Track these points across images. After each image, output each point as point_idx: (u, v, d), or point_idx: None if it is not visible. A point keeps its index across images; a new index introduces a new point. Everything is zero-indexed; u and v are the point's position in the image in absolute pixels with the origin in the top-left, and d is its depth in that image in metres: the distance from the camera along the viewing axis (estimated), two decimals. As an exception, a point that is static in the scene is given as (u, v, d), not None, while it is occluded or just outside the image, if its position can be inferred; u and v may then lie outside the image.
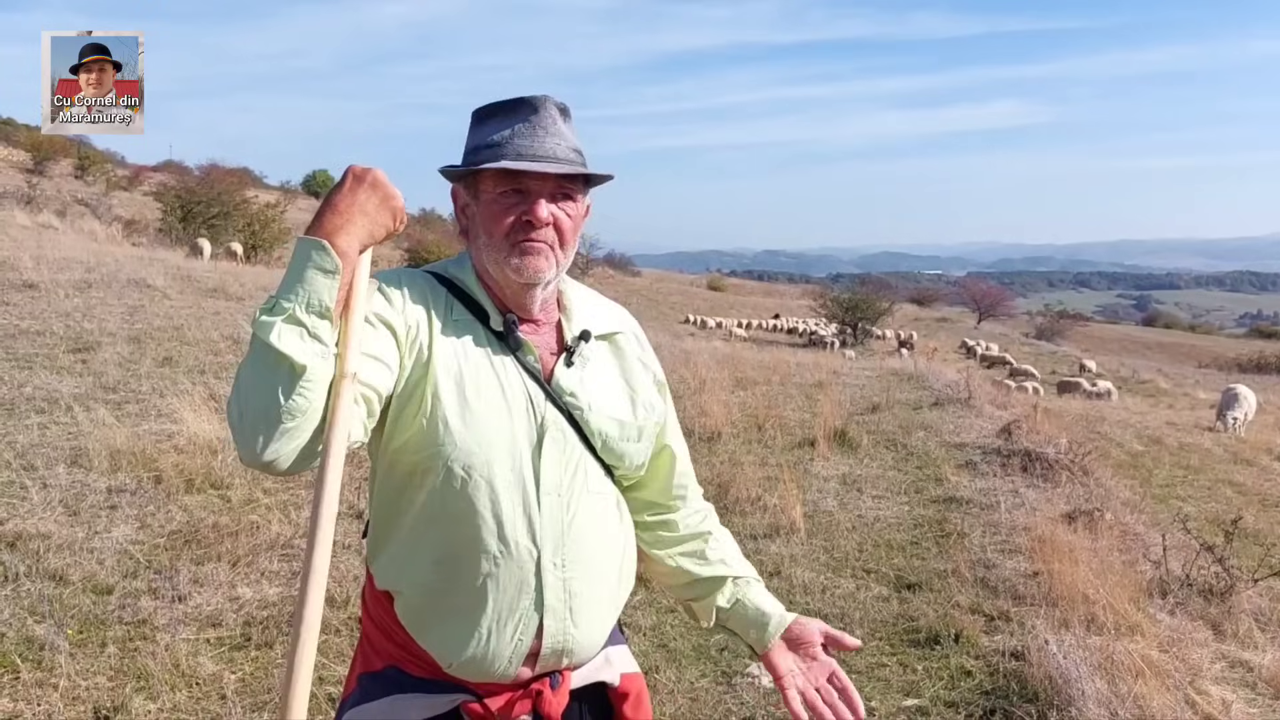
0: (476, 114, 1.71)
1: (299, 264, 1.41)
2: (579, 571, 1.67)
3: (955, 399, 11.04)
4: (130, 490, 5.32)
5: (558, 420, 1.67)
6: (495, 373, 1.66)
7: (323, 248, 1.40)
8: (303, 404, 1.38)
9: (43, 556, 4.39)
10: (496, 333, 1.69)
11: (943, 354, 29.36)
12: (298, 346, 1.36)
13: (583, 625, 1.69)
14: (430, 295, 1.68)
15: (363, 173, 1.49)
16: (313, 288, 1.39)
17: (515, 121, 1.64)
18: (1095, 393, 23.12)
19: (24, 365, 7.88)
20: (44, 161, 38.74)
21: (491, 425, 1.61)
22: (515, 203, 1.63)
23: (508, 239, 1.64)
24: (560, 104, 1.68)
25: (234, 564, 4.58)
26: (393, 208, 1.50)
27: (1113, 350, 51.03)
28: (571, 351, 1.73)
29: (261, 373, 1.38)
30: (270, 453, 1.39)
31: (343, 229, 1.43)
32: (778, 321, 44.68)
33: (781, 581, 5.07)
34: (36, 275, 11.29)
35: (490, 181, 1.65)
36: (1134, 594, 4.92)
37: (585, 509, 1.69)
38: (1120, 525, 6.60)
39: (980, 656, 4.24)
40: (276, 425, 1.37)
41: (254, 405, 1.38)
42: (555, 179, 1.64)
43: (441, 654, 1.65)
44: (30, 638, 3.73)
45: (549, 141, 1.63)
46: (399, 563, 1.67)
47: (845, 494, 7.00)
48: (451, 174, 1.73)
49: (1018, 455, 8.10)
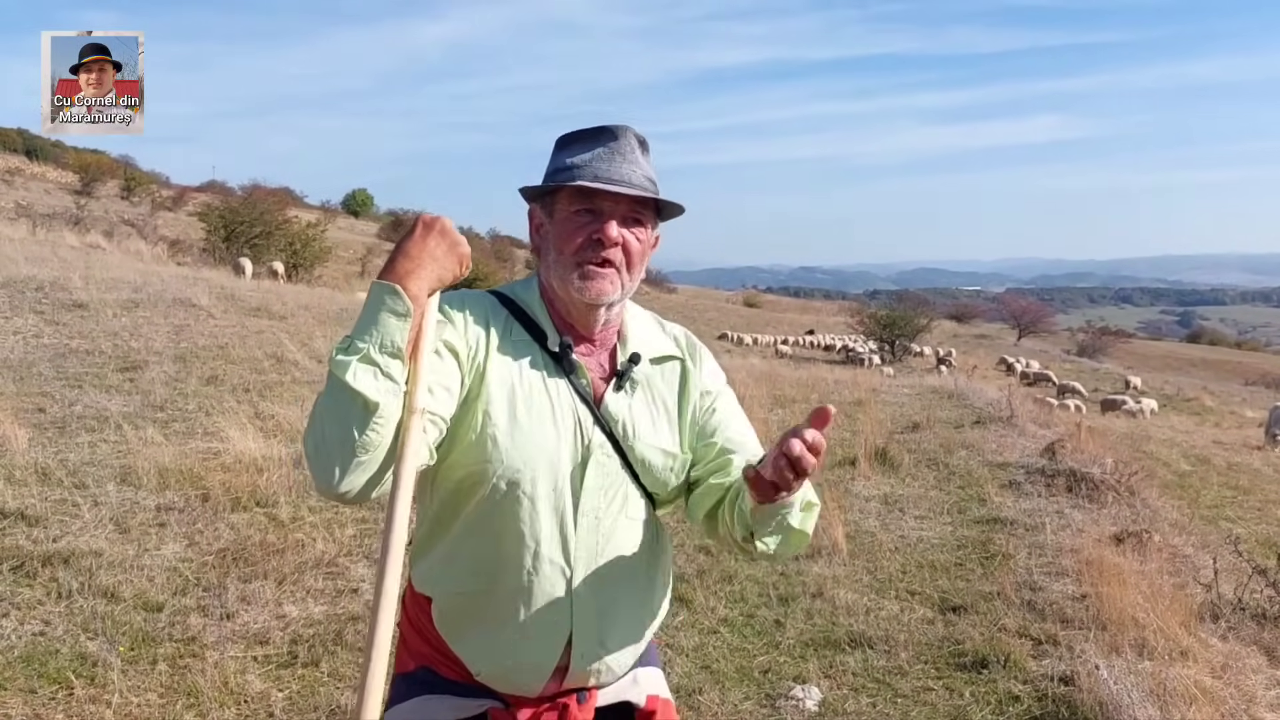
0: (560, 140, 1.77)
1: (374, 306, 1.47)
2: (610, 593, 1.73)
3: (997, 417, 10.93)
4: (179, 508, 5.40)
5: (604, 444, 1.72)
6: (548, 393, 1.70)
7: (396, 293, 1.46)
8: (375, 439, 1.44)
9: (94, 573, 4.46)
10: (553, 354, 1.73)
11: (982, 371, 29.10)
12: (372, 385, 1.42)
13: (611, 646, 1.75)
14: (491, 315, 1.74)
15: (432, 221, 1.55)
16: (386, 329, 1.45)
17: (595, 146, 1.70)
18: (1130, 411, 22.78)
19: (74, 384, 8.03)
20: (91, 183, 39.62)
21: (538, 443, 1.67)
22: (588, 222, 1.68)
23: (576, 257, 1.69)
24: (640, 136, 1.75)
25: (280, 582, 4.62)
26: (460, 254, 1.57)
27: (1156, 367, 50.28)
28: (622, 375, 1.77)
29: (337, 409, 1.44)
30: (345, 484, 1.46)
31: (414, 274, 1.50)
32: (813, 338, 44.49)
33: (824, 603, 5.03)
34: (85, 295, 11.51)
35: (566, 201, 1.70)
36: (1185, 618, 4.83)
37: (622, 533, 1.74)
38: (1169, 547, 6.48)
39: (1028, 681, 4.17)
40: (351, 458, 1.44)
41: (330, 439, 1.45)
42: (628, 202, 1.70)
43: (471, 661, 1.72)
44: (83, 654, 3.79)
45: (625, 168, 1.69)
46: (439, 569, 1.75)
47: (887, 514, 6.94)
48: (530, 193, 1.78)
49: (1062, 475, 7.99)
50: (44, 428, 6.69)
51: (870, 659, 4.38)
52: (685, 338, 1.92)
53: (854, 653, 4.44)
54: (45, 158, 48.91)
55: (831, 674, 4.23)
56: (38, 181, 41.36)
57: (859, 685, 4.14)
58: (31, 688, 3.54)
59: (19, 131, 50.67)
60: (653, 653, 1.93)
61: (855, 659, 4.38)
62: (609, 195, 1.67)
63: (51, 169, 45.92)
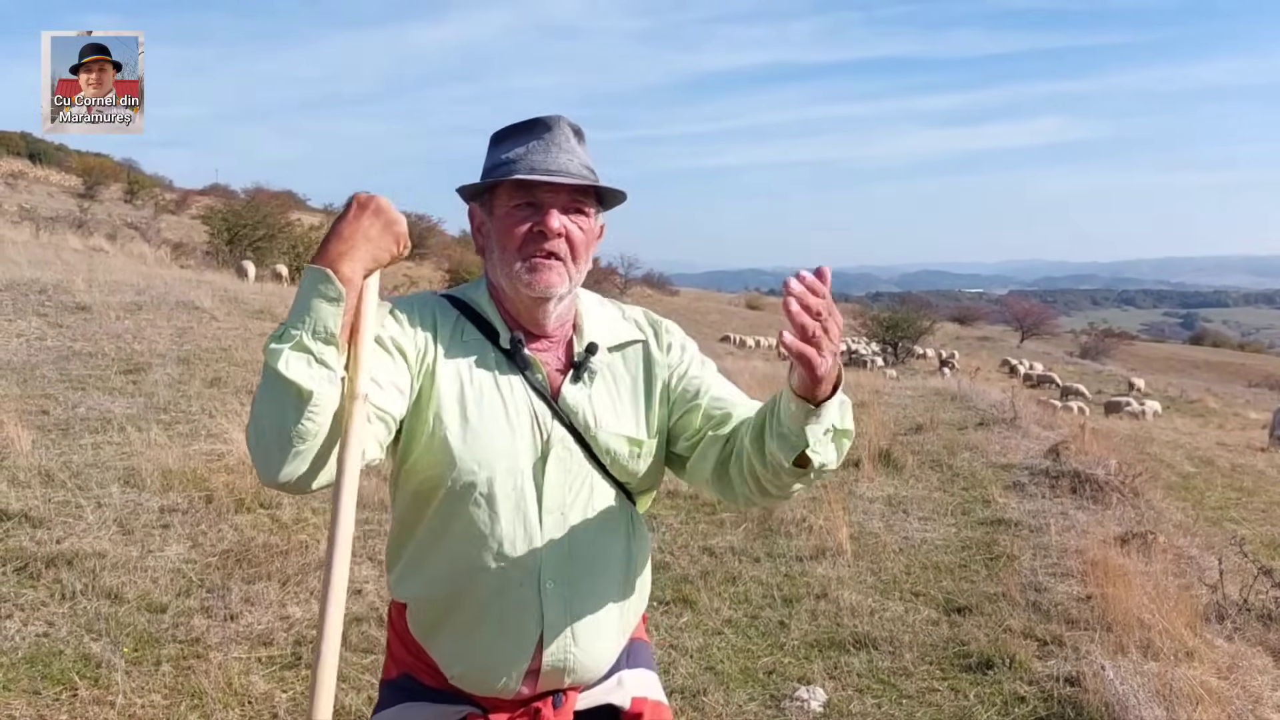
0: (494, 136, 1.75)
1: (305, 292, 1.44)
2: (581, 591, 1.70)
3: (1000, 419, 10.91)
4: (182, 510, 5.40)
5: (564, 438, 1.70)
6: (500, 391, 1.69)
7: (327, 277, 1.43)
8: (311, 428, 1.42)
9: (98, 575, 4.46)
10: (506, 351, 1.72)
11: (985, 373, 29.07)
12: (305, 373, 1.40)
13: (585, 645, 1.71)
14: (440, 317, 1.73)
15: (366, 200, 1.52)
16: (318, 315, 1.42)
17: (530, 140, 1.68)
18: (1134, 413, 22.74)
19: (78, 386, 8.04)
20: (95, 186, 39.70)
21: (492, 444, 1.65)
22: (528, 215, 1.66)
23: (520, 252, 1.67)
24: (574, 124, 1.72)
25: (284, 583, 4.62)
26: (395, 233, 1.53)
27: (1159, 369, 50.22)
28: (579, 367, 1.74)
29: (272, 399, 1.42)
30: (285, 474, 1.44)
31: (346, 255, 1.46)
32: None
33: (829, 604, 5.03)
34: (89, 298, 11.53)
35: (505, 196, 1.69)
36: (1190, 619, 4.81)
37: (590, 528, 1.71)
38: (1174, 548, 6.47)
39: (1034, 682, 4.16)
40: (288, 449, 1.42)
41: (267, 430, 1.43)
42: (568, 192, 1.67)
43: (445, 664, 1.72)
44: (87, 655, 3.79)
45: (561, 157, 1.67)
46: (409, 574, 1.75)
47: (891, 515, 6.93)
48: (467, 192, 1.76)
49: (1066, 476, 7.98)
50: (47, 430, 6.69)
51: (875, 660, 4.37)
52: (646, 317, 1.89)
53: (859, 654, 4.43)
54: (49, 161, 49.01)
55: (836, 675, 4.22)
56: (41, 185, 41.45)
57: (864, 686, 4.13)
58: (36, 689, 3.54)
59: (22, 135, 50.77)
60: (643, 654, 1.90)
61: (860, 660, 4.37)
62: (548, 186, 1.65)
63: (55, 172, 46.01)
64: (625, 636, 1.82)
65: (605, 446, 1.72)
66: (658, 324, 1.88)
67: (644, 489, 1.83)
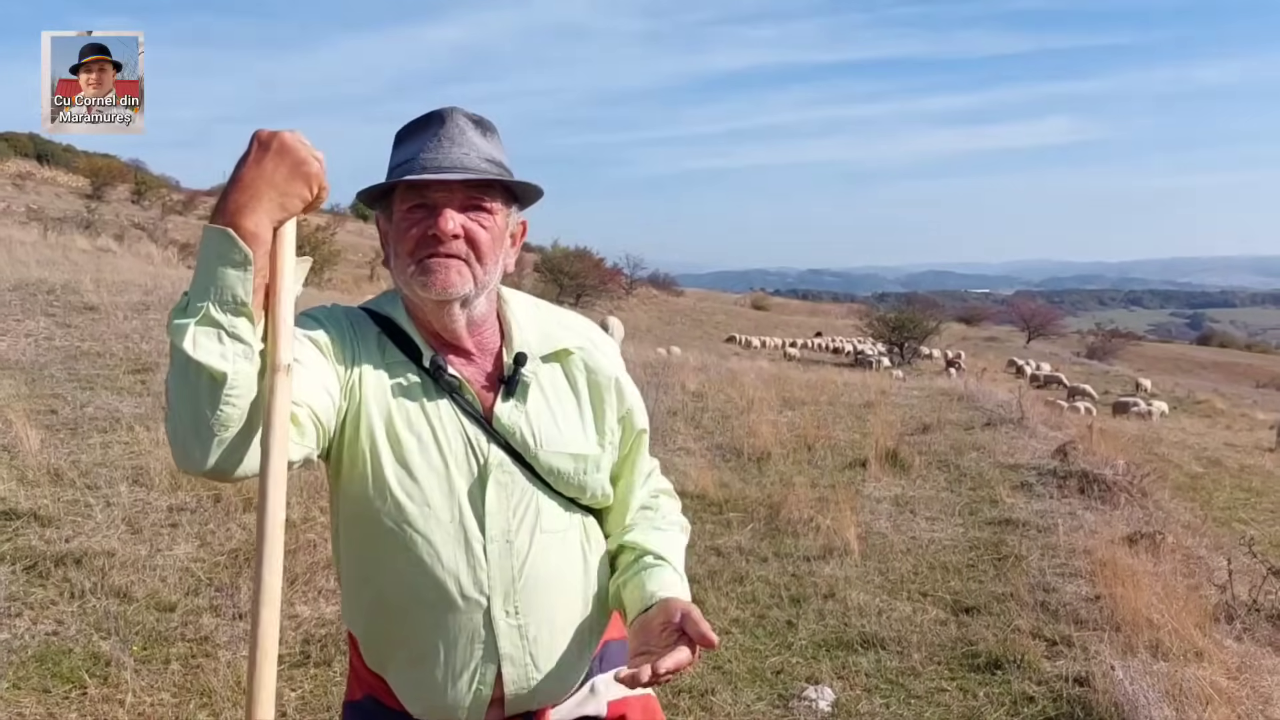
0: (395, 136, 1.61)
1: (206, 257, 1.27)
2: (536, 617, 1.59)
3: (1007, 419, 10.89)
4: (190, 508, 5.41)
5: (503, 462, 1.57)
6: (428, 418, 1.55)
7: (228, 236, 1.26)
8: (232, 412, 1.28)
9: (107, 573, 4.47)
10: (429, 372, 1.57)
11: (992, 374, 29.00)
12: (215, 351, 1.25)
13: (546, 669, 1.62)
14: (359, 333, 1.59)
15: (269, 138, 1.31)
16: (224, 282, 1.26)
17: (424, 137, 1.54)
18: (1141, 413, 22.68)
19: (86, 386, 8.05)
20: (102, 187, 39.78)
21: (425, 477, 1.53)
22: (422, 218, 1.52)
23: (413, 256, 1.52)
24: (473, 115, 1.58)
25: (292, 582, 4.62)
26: (306, 174, 1.32)
27: (1166, 370, 50.09)
28: (511, 381, 1.60)
29: (183, 384, 1.27)
30: (210, 464, 1.30)
31: (247, 206, 1.28)
32: (821, 340, 44.44)
33: (836, 604, 5.02)
34: (96, 298, 11.54)
35: (400, 200, 1.55)
36: (1199, 619, 4.80)
37: (540, 551, 1.59)
38: (1182, 548, 6.46)
39: (1043, 682, 4.16)
40: (210, 438, 1.28)
41: (183, 418, 1.29)
42: (463, 190, 1.53)
43: (403, 699, 1.63)
44: (97, 654, 3.80)
45: (455, 152, 1.52)
46: (352, 604, 1.66)
47: (899, 515, 6.92)
48: (367, 201, 1.62)
49: (1074, 476, 7.96)
50: (56, 429, 6.71)
51: (883, 660, 4.37)
52: (580, 323, 1.75)
53: (867, 653, 4.43)
54: (56, 162, 49.14)
55: (844, 675, 4.21)
56: (49, 185, 41.56)
57: (872, 686, 4.13)
58: (45, 687, 3.55)
59: (30, 136, 50.94)
60: (618, 654, 1.76)
61: (868, 660, 4.36)
62: (439, 185, 1.51)
63: (62, 173, 46.12)
64: (595, 643, 1.72)
65: (549, 466, 1.60)
66: (596, 334, 1.75)
67: (598, 500, 1.70)
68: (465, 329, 1.59)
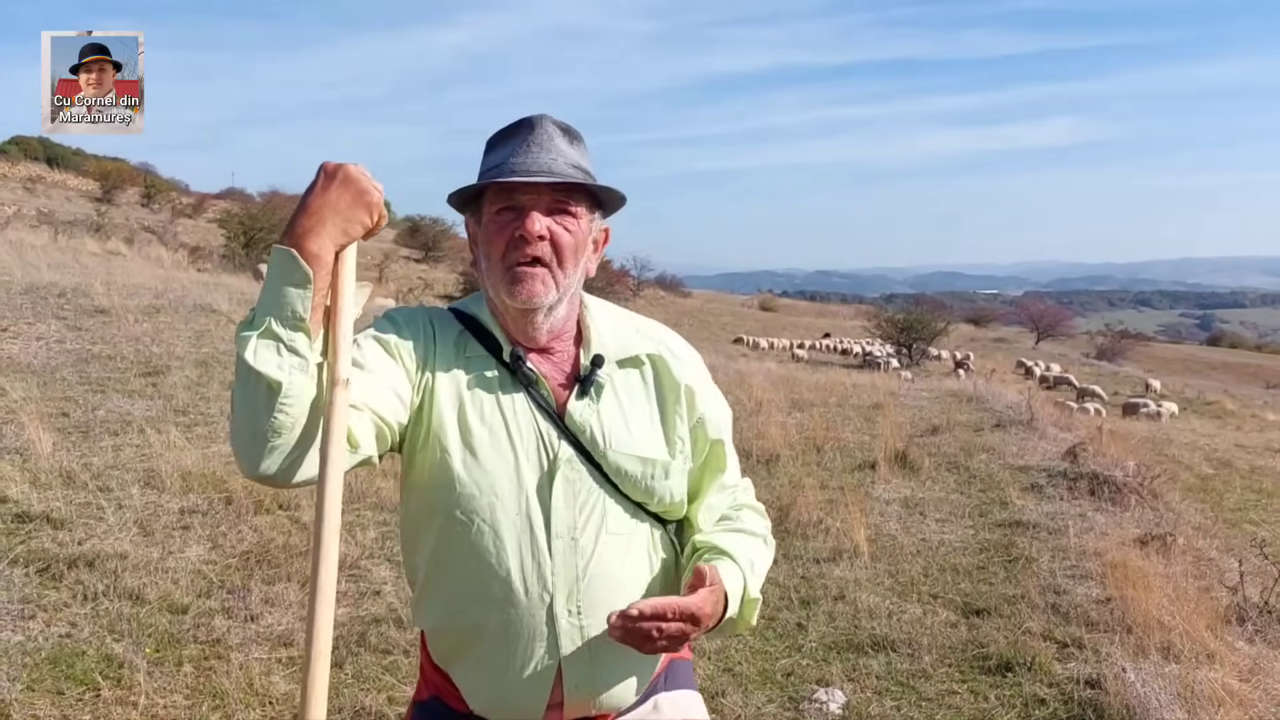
0: (487, 143, 1.67)
1: (271, 275, 1.37)
2: (599, 619, 1.57)
3: (1017, 421, 10.87)
4: (202, 511, 5.43)
5: (572, 458, 1.60)
6: (502, 411, 1.60)
7: (291, 257, 1.36)
8: (285, 420, 1.35)
9: (120, 576, 4.49)
10: (509, 367, 1.63)
11: (1001, 375, 28.95)
12: (273, 362, 1.34)
13: (607, 674, 1.62)
14: (440, 330, 1.65)
15: (334, 169, 1.42)
16: (285, 299, 1.35)
17: (515, 143, 1.60)
18: (1151, 414, 22.61)
19: (97, 389, 8.09)
20: (112, 190, 39.95)
21: (495, 468, 1.56)
22: (510, 220, 1.58)
23: (503, 260, 1.59)
24: (561, 123, 1.64)
25: (304, 584, 4.64)
26: (367, 203, 1.43)
27: (1176, 371, 49.93)
28: (585, 381, 1.64)
29: (243, 392, 1.36)
30: (264, 469, 1.38)
31: (313, 231, 1.38)
32: (829, 341, 44.40)
33: (846, 605, 5.02)
34: (107, 301, 11.59)
35: (489, 203, 1.61)
36: (1211, 621, 4.79)
37: (605, 551, 1.60)
38: (1193, 550, 6.44)
39: (1054, 684, 4.15)
40: (264, 443, 1.36)
41: (242, 424, 1.38)
42: (550, 193, 1.58)
43: (466, 695, 1.64)
44: (110, 656, 3.81)
45: (544, 157, 1.58)
46: (422, 600, 1.67)
47: (908, 517, 6.91)
48: (457, 204, 1.69)
49: (1084, 478, 7.95)
50: (68, 432, 6.74)
51: (894, 662, 4.36)
52: (658, 330, 1.79)
53: (877, 656, 4.43)
54: (66, 165, 49.36)
55: (855, 677, 4.21)
56: (59, 189, 41.76)
57: (882, 688, 4.12)
58: (59, 689, 3.57)
59: (40, 140, 51.17)
60: (683, 673, 1.78)
61: (878, 662, 4.36)
62: (527, 188, 1.57)
63: (73, 176, 46.33)
64: (657, 662, 1.71)
65: (616, 466, 1.61)
66: (673, 340, 1.79)
67: (666, 509, 1.70)
68: (545, 333, 1.65)
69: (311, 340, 1.37)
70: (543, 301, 1.59)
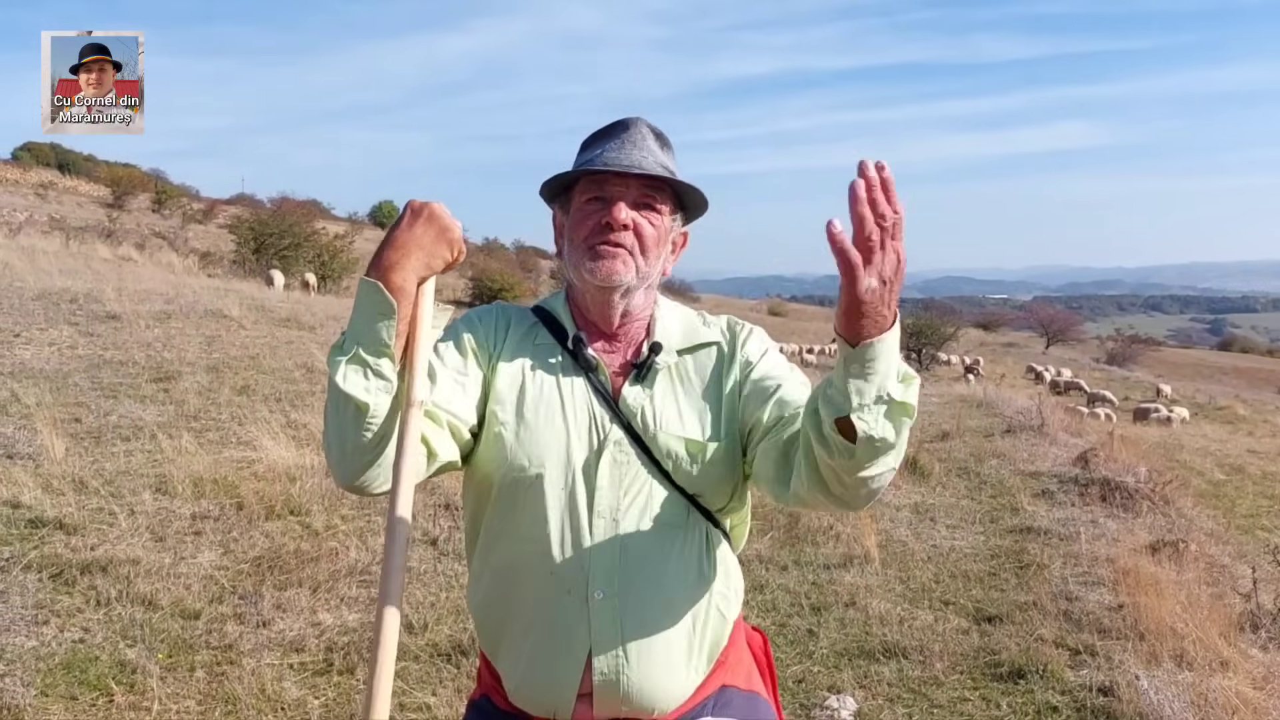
0: (583, 143, 1.75)
1: (360, 304, 1.46)
2: (633, 605, 1.59)
3: (1028, 426, 10.85)
4: (214, 516, 5.45)
5: (621, 440, 1.64)
6: (560, 391, 1.67)
7: (377, 289, 1.43)
8: (371, 438, 1.45)
9: (132, 581, 4.50)
10: (572, 352, 1.70)
11: (1010, 380, 28.88)
12: (361, 385, 1.42)
13: (641, 666, 1.59)
14: (515, 324, 1.75)
15: (420, 207, 1.50)
16: (372, 327, 1.43)
17: (609, 141, 1.68)
18: (1162, 419, 22.50)
19: (109, 394, 8.12)
20: (123, 196, 40.09)
21: (545, 441, 1.62)
22: (598, 209, 1.65)
23: (586, 242, 1.65)
24: (655, 127, 1.72)
25: (315, 590, 4.65)
26: (449, 240, 1.51)
27: (1187, 376, 49.69)
28: (641, 366, 1.69)
29: (334, 411, 1.46)
30: (354, 480, 1.50)
31: (399, 265, 1.46)
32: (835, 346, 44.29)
33: (857, 612, 5.01)
34: (118, 306, 11.64)
35: (579, 194, 1.68)
36: (1224, 628, 4.77)
37: (647, 538, 1.61)
38: (1206, 557, 6.41)
39: (1066, 692, 4.13)
40: (355, 457, 1.47)
41: (333, 440, 1.48)
42: (638, 186, 1.65)
43: (505, 679, 1.68)
44: (123, 661, 3.83)
45: (635, 154, 1.65)
46: (473, 584, 1.73)
47: (918, 523, 6.90)
48: (547, 194, 1.76)
49: (1096, 484, 7.93)
50: (80, 437, 6.77)
51: (905, 669, 4.35)
52: (727, 321, 1.81)
53: (888, 662, 4.41)
54: (77, 171, 49.59)
55: (866, 684, 4.20)
56: (70, 195, 41.93)
57: (894, 695, 4.11)
58: (73, 694, 3.58)
59: (52, 146, 51.42)
60: (735, 703, 1.69)
61: (890, 669, 4.35)
62: (617, 179, 1.64)
63: (84, 182, 46.53)
64: (700, 668, 1.67)
65: (665, 449, 1.63)
66: (737, 326, 1.80)
67: (720, 505, 1.69)
68: (619, 317, 1.70)
69: (395, 365, 1.46)
70: (621, 280, 1.65)
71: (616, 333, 1.72)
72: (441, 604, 4.64)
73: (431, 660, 4.12)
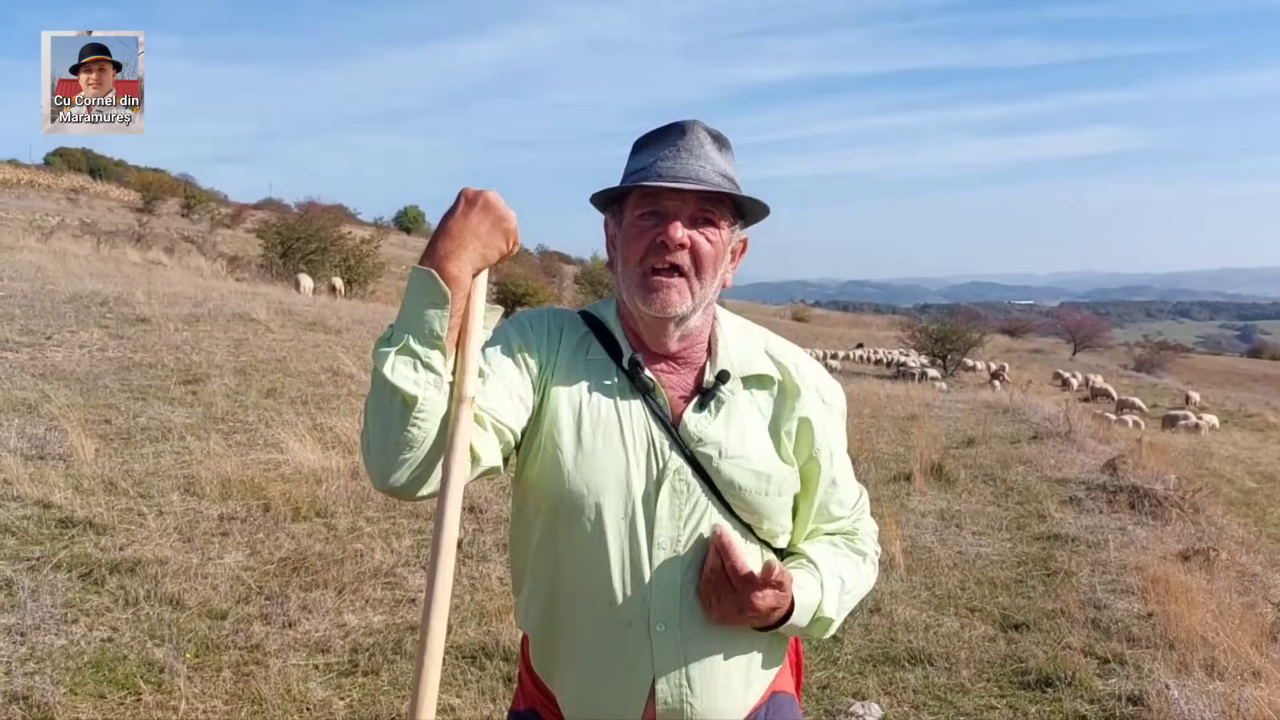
0: (634, 144, 1.65)
1: (411, 294, 1.39)
2: (698, 636, 1.55)
3: (1055, 433, 10.75)
4: (241, 518, 5.49)
5: (681, 469, 1.57)
6: (618, 414, 1.59)
7: (432, 278, 1.37)
8: (418, 434, 1.37)
9: (160, 581, 4.54)
10: (629, 372, 1.61)
11: (1037, 386, 28.65)
12: (410, 377, 1.35)
13: (705, 695, 1.57)
14: (567, 333, 1.65)
15: (475, 195, 1.43)
16: (424, 317, 1.37)
17: (663, 147, 1.58)
18: (1191, 426, 22.24)
19: (138, 396, 8.21)
20: (152, 201, 40.56)
21: (605, 468, 1.55)
22: (652, 225, 1.56)
23: (640, 266, 1.56)
24: (714, 131, 1.62)
25: (340, 591, 4.67)
26: (505, 230, 1.44)
27: (1216, 383, 49.14)
28: (706, 394, 1.61)
29: (378, 404, 1.38)
30: (393, 480, 1.39)
31: (454, 254, 1.39)
32: (862, 352, 44.14)
33: (882, 619, 4.98)
34: (148, 310, 11.77)
35: (633, 205, 1.59)
36: (1256, 637, 4.71)
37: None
38: (1237, 565, 6.33)
39: (1095, 701, 4.09)
40: (396, 455, 1.38)
41: (375, 436, 1.39)
42: (695, 201, 1.56)
43: (562, 703, 1.63)
44: (151, 660, 3.86)
45: (692, 164, 1.55)
46: (525, 603, 1.67)
47: (944, 530, 6.85)
48: (599, 203, 1.68)
49: (1124, 491, 7.85)
50: (110, 439, 6.84)
51: (931, 676, 4.32)
52: (791, 356, 1.72)
53: (914, 670, 4.38)
54: (108, 176, 50.24)
55: (891, 691, 4.17)
56: (101, 200, 42.48)
57: (920, 703, 4.08)
58: (101, 693, 3.61)
59: (83, 151, 52.11)
60: (786, 710, 1.70)
61: (915, 676, 4.32)
62: (673, 194, 1.54)
63: (114, 187, 47.12)
64: (759, 688, 1.65)
65: (730, 479, 1.57)
66: (802, 365, 1.72)
67: (778, 531, 1.66)
68: (677, 341, 1.63)
69: (446, 358, 1.39)
70: (677, 311, 1.57)
71: (675, 354, 1.64)
72: (465, 606, 4.65)
73: (456, 662, 4.12)
